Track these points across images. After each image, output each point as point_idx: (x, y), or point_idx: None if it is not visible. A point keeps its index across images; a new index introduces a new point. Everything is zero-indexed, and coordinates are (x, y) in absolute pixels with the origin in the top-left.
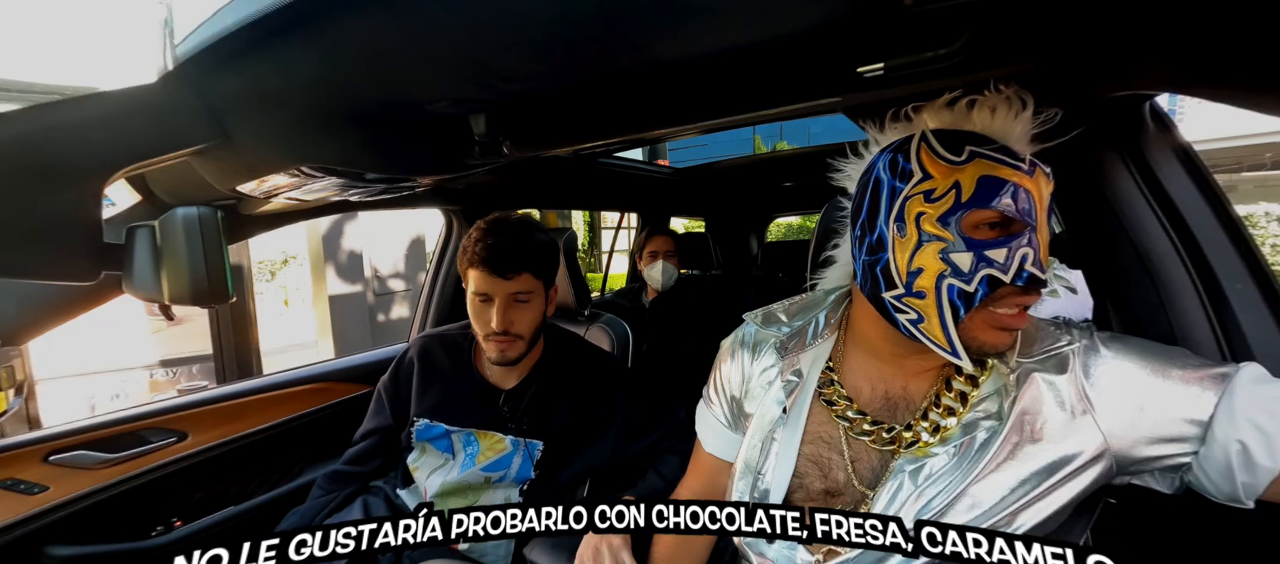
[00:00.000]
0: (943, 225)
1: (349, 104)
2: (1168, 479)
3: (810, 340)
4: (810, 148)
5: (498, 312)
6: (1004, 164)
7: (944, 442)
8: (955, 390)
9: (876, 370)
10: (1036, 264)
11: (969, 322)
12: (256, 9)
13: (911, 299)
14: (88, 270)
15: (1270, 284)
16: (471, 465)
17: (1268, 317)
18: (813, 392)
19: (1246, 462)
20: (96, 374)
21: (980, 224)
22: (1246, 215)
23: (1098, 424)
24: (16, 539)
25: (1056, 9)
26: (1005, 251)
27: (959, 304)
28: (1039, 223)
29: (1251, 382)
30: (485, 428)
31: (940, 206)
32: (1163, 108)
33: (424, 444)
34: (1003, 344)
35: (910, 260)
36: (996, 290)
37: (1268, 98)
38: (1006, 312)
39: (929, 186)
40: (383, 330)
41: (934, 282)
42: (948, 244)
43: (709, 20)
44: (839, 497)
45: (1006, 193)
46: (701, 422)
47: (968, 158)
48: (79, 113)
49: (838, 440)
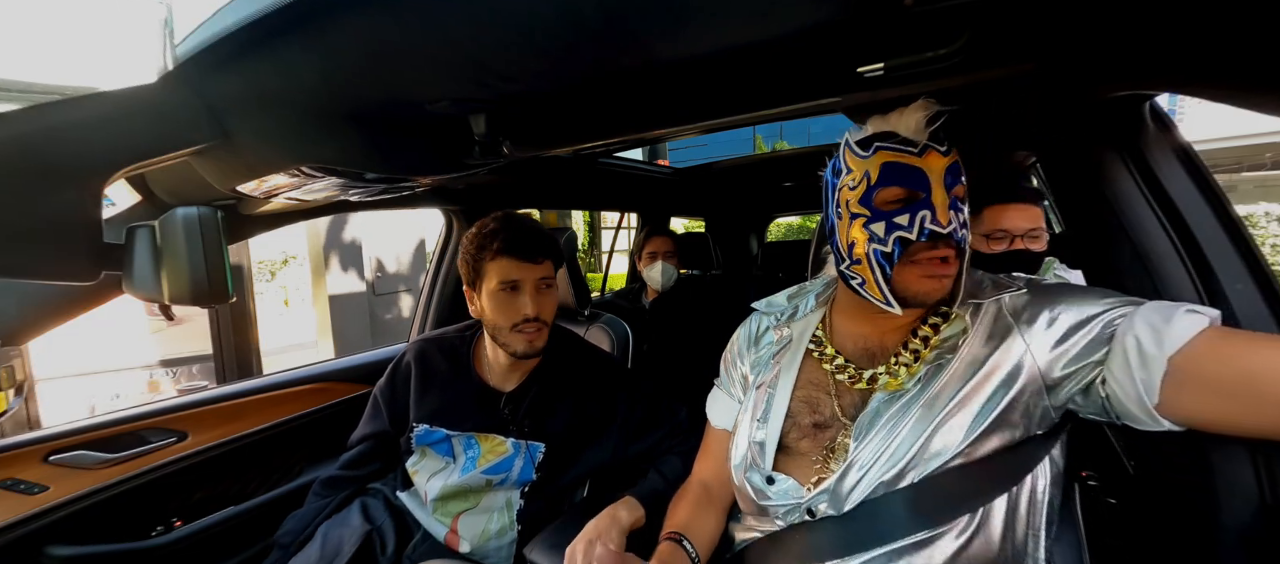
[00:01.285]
0: (862, 205)
1: (349, 104)
2: (1091, 399)
3: (800, 315)
4: (810, 148)
5: (530, 297)
6: (899, 151)
7: (912, 378)
8: (919, 338)
9: (857, 330)
10: (934, 222)
11: (900, 276)
12: (256, 9)
13: (854, 266)
14: (88, 270)
15: (1270, 284)
16: (472, 468)
17: (1268, 316)
18: (803, 351)
19: (1141, 357)
20: (96, 374)
21: (888, 201)
22: (1246, 215)
23: (1026, 343)
24: (16, 539)
25: (1056, 9)
26: (907, 216)
27: (882, 263)
28: (935, 190)
29: (1155, 302)
30: (486, 431)
31: (858, 192)
32: (1163, 108)
33: (424, 448)
34: (934, 291)
35: (848, 236)
36: (909, 248)
37: (1268, 98)
38: (928, 263)
39: (851, 179)
40: (383, 330)
41: (864, 250)
42: (866, 218)
43: (709, 20)
44: (826, 428)
45: (901, 173)
46: (714, 404)
47: (873, 152)
48: (79, 113)
49: (826, 383)
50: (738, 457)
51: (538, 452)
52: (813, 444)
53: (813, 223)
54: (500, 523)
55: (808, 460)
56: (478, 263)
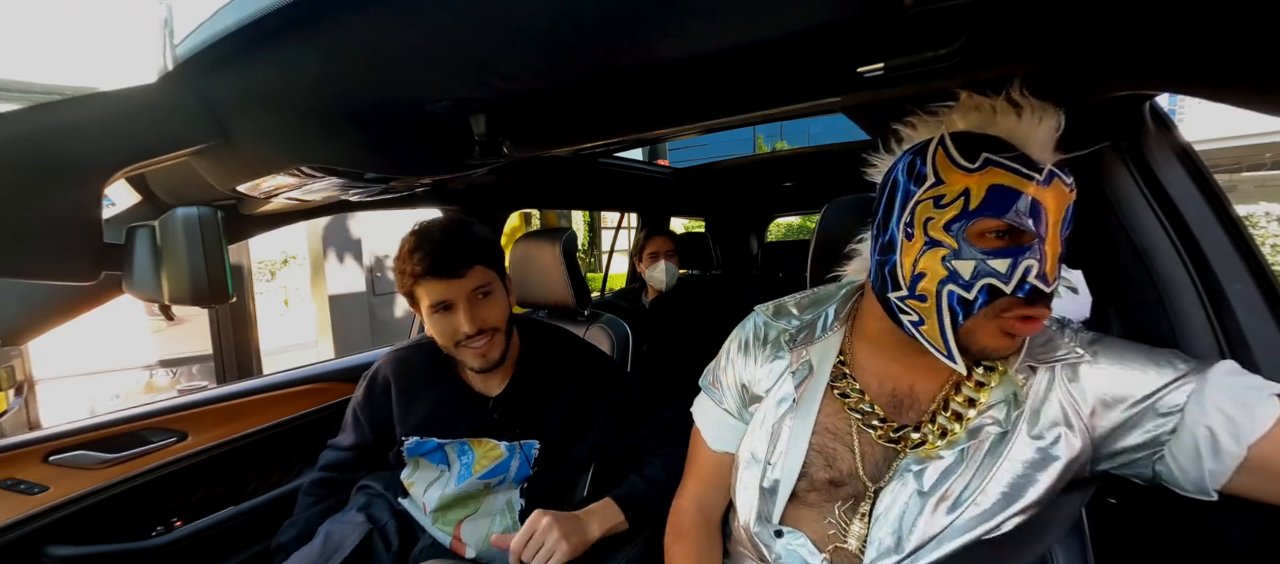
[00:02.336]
0: (947, 231)
1: (349, 104)
2: (1139, 469)
3: (820, 333)
4: (810, 148)
5: (464, 313)
6: (1016, 173)
7: (950, 445)
8: (964, 395)
9: (883, 368)
10: (1041, 276)
11: (973, 326)
12: (256, 9)
13: (913, 302)
14: (88, 270)
15: (1270, 284)
16: (469, 475)
17: (1268, 316)
18: (825, 384)
19: (1214, 448)
20: (96, 374)
21: (986, 232)
22: (1246, 215)
23: (1083, 420)
24: (16, 539)
25: (1056, 9)
26: (1009, 262)
27: (958, 310)
28: (1049, 234)
29: (1224, 374)
30: (478, 435)
31: (948, 213)
32: (1163, 108)
33: (417, 459)
34: (1005, 349)
35: (915, 264)
36: (997, 299)
37: (1268, 98)
38: (1014, 321)
39: (939, 192)
40: (383, 329)
41: (935, 286)
42: (951, 250)
43: (709, 20)
44: (842, 487)
45: (1014, 203)
46: (704, 418)
47: (981, 164)
48: (79, 113)
49: (847, 433)
50: (743, 502)
51: (532, 449)
52: (824, 498)
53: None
54: (503, 525)
55: (819, 515)
56: (408, 288)
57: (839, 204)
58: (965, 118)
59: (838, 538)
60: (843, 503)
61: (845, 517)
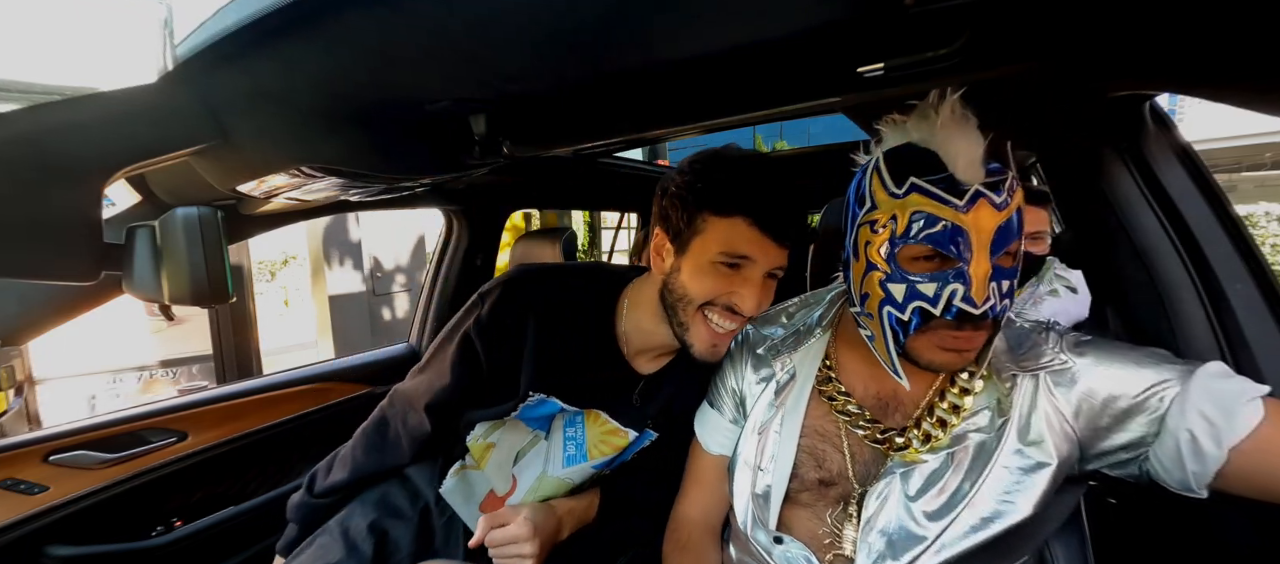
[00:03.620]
0: (882, 255)
1: (349, 104)
2: (1127, 470)
3: (804, 340)
4: (810, 148)
5: (755, 289)
6: (939, 200)
7: (933, 450)
8: (949, 402)
9: (867, 372)
10: (966, 299)
11: (914, 344)
12: (257, 8)
13: (865, 317)
14: (88, 270)
15: (1270, 284)
16: (581, 459)
17: (1268, 317)
18: (810, 388)
19: (1195, 450)
20: (96, 374)
21: (915, 257)
22: (1246, 215)
23: (1069, 424)
24: (16, 539)
25: (1056, 9)
26: (935, 286)
27: (897, 329)
28: (975, 257)
29: (1208, 377)
30: (610, 413)
31: (881, 238)
32: (1163, 108)
33: (515, 422)
34: (953, 363)
35: (862, 283)
36: (929, 321)
37: (1268, 98)
38: (951, 337)
39: (873, 217)
40: (383, 330)
41: (877, 307)
42: (885, 274)
43: (709, 21)
44: (832, 487)
45: (936, 231)
46: (705, 427)
47: (907, 190)
48: (79, 113)
49: (836, 434)
50: (740, 509)
51: (647, 439)
52: (816, 498)
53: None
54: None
55: (813, 517)
56: (694, 210)
57: (839, 204)
58: (917, 127)
59: (835, 545)
60: (833, 506)
61: (837, 522)
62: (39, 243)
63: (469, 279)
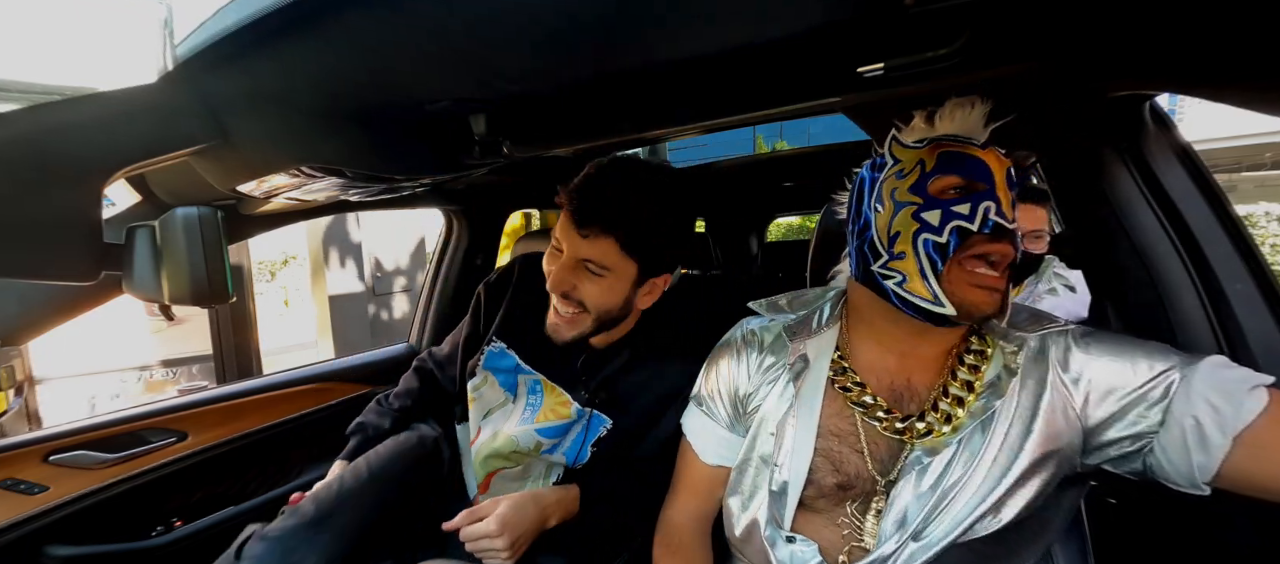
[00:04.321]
0: (913, 192)
1: (349, 104)
2: (1130, 464)
3: (816, 328)
4: (810, 148)
5: (559, 269)
6: (961, 142)
7: (956, 432)
8: (961, 380)
9: (880, 362)
10: (1000, 214)
11: (950, 278)
12: (257, 8)
13: (894, 263)
14: (88, 270)
15: (1270, 284)
16: (530, 422)
17: (1268, 317)
18: (825, 380)
19: (1200, 438)
20: (96, 374)
21: (945, 188)
22: (1246, 215)
23: (1071, 398)
24: (16, 539)
25: (1057, 9)
26: (969, 205)
27: (935, 256)
28: (999, 185)
29: (1212, 367)
30: (556, 382)
31: (910, 179)
32: (1163, 108)
33: (488, 374)
34: (985, 304)
35: (890, 226)
36: (967, 240)
37: (1268, 98)
38: (984, 271)
39: (899, 168)
40: (383, 330)
41: (911, 240)
42: (918, 206)
43: (709, 21)
44: (851, 489)
45: (963, 162)
46: (696, 432)
47: (928, 143)
48: (79, 113)
49: (852, 433)
50: (749, 511)
51: (601, 427)
52: (832, 503)
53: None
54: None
55: (827, 520)
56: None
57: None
58: (912, 135)
59: (853, 537)
60: (853, 503)
61: (858, 515)
62: (39, 243)
63: (469, 279)
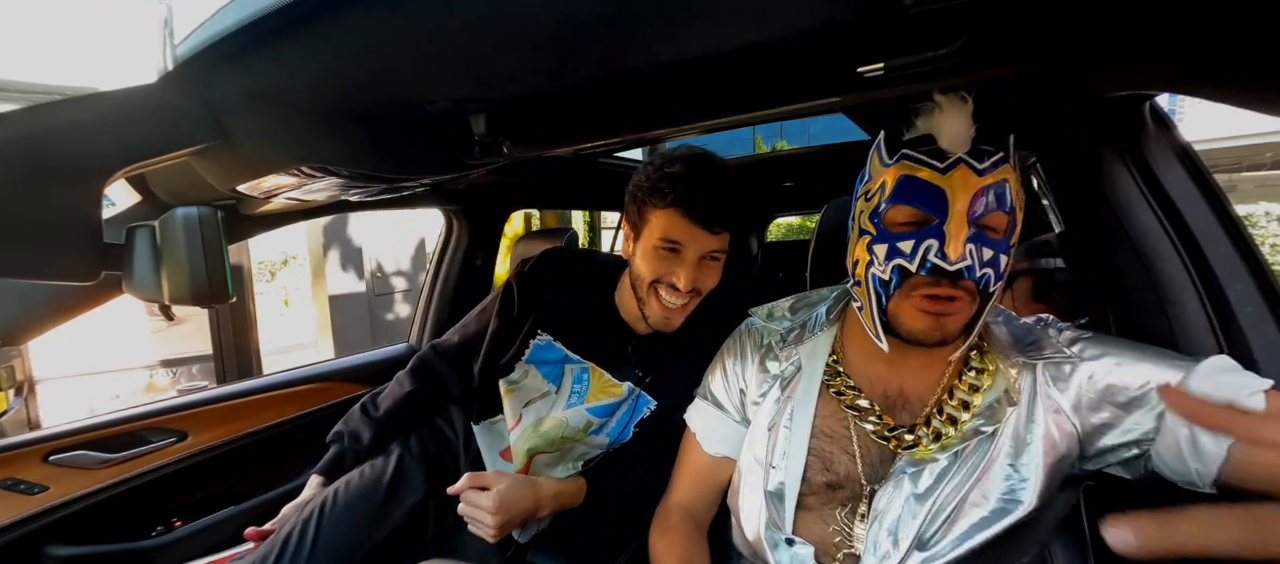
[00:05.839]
0: (871, 221)
1: (349, 104)
2: (1131, 468)
3: (809, 333)
4: (810, 148)
5: (688, 269)
6: (922, 165)
7: (944, 449)
8: (957, 399)
9: (873, 369)
10: (940, 254)
11: (894, 307)
12: (257, 9)
13: (856, 288)
14: (88, 270)
15: (1270, 284)
16: (579, 403)
17: (1268, 316)
18: (818, 383)
19: (1195, 448)
20: (97, 374)
21: (898, 221)
22: (1246, 215)
23: (1070, 418)
24: (16, 539)
25: (1057, 9)
26: (912, 243)
27: (880, 291)
28: (951, 215)
29: (1210, 371)
30: (605, 366)
31: (871, 204)
32: (1163, 108)
33: (529, 367)
34: (929, 331)
35: (853, 253)
36: (907, 278)
37: (1268, 98)
38: (929, 302)
39: (868, 187)
40: (383, 330)
41: (864, 271)
42: (873, 236)
43: (710, 21)
44: (840, 489)
45: (916, 191)
46: (702, 421)
47: (896, 160)
48: (79, 113)
49: (845, 434)
50: (749, 510)
51: (645, 407)
52: (822, 501)
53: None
54: (566, 476)
55: (819, 519)
56: (643, 206)
57: (839, 204)
58: (924, 122)
59: (845, 544)
60: (842, 506)
61: (846, 520)
62: (39, 243)
63: (469, 279)
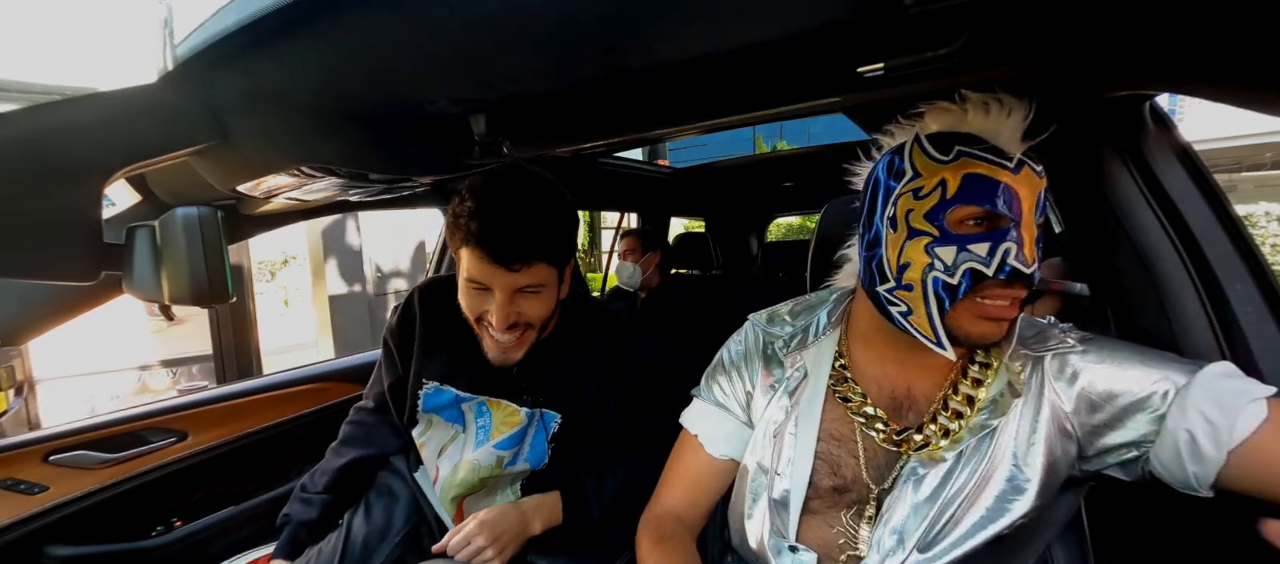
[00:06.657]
0: (929, 221)
1: (349, 104)
2: (1129, 470)
3: (813, 338)
4: (810, 148)
5: (500, 307)
6: (989, 162)
7: (954, 445)
8: (962, 395)
9: (880, 370)
10: (1019, 258)
11: (956, 313)
12: (257, 9)
13: (901, 292)
14: (88, 270)
15: (1270, 284)
16: (485, 441)
17: (1268, 316)
18: (825, 388)
19: (1194, 451)
20: (96, 374)
21: (965, 219)
22: (1246, 215)
23: (1072, 418)
24: (16, 539)
25: (1057, 9)
26: (987, 245)
27: (943, 296)
28: (1024, 219)
29: (1211, 377)
30: (498, 396)
31: (927, 203)
32: (1163, 108)
33: (431, 416)
34: (991, 335)
35: (900, 254)
36: (980, 283)
37: (1268, 98)
38: (994, 303)
39: (918, 185)
40: (383, 330)
41: (920, 274)
42: (933, 238)
43: (710, 21)
44: (846, 493)
45: (989, 190)
46: (705, 423)
47: (955, 157)
48: (79, 113)
49: (851, 438)
50: (753, 517)
51: (553, 422)
52: (827, 505)
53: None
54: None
55: (824, 522)
56: (452, 240)
57: (839, 204)
58: (937, 120)
59: (850, 547)
60: (848, 509)
61: (852, 523)
62: (39, 243)
63: None
